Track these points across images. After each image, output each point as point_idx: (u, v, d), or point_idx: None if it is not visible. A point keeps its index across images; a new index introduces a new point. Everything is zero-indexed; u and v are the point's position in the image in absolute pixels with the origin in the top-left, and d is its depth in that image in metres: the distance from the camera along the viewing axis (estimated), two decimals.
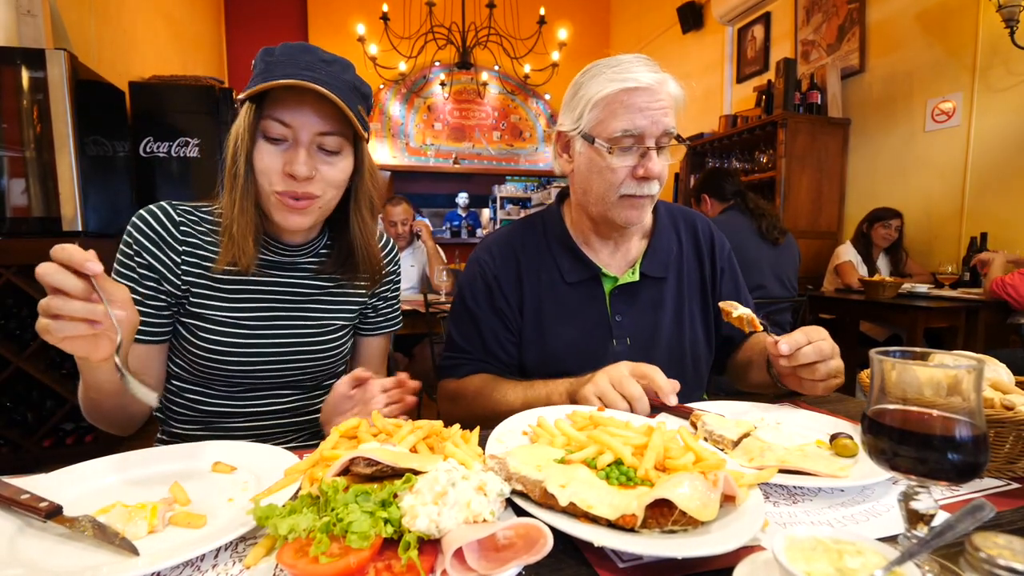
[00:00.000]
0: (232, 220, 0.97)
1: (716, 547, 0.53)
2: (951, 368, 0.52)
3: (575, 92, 1.11)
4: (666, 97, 1.07)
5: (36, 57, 2.48)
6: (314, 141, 0.95)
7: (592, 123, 1.08)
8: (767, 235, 2.85)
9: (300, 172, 0.93)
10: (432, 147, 7.51)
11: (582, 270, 1.19)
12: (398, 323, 1.29)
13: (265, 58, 0.96)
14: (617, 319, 1.19)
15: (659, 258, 1.22)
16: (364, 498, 0.54)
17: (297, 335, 1.08)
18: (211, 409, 1.07)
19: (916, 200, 3.80)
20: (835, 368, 0.99)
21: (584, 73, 1.11)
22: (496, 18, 4.81)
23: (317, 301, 1.11)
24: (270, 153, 0.95)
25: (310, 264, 1.11)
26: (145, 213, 1.01)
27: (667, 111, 1.06)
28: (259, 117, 0.94)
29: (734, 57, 5.52)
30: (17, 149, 2.49)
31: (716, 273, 1.28)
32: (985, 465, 0.52)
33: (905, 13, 3.87)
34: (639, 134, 1.04)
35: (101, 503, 0.65)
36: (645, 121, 1.04)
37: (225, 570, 0.54)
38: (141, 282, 0.99)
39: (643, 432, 0.76)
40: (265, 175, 0.96)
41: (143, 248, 0.99)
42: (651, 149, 1.05)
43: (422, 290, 3.69)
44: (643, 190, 1.08)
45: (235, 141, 0.96)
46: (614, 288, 1.20)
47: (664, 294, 1.22)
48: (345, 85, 0.95)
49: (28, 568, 0.53)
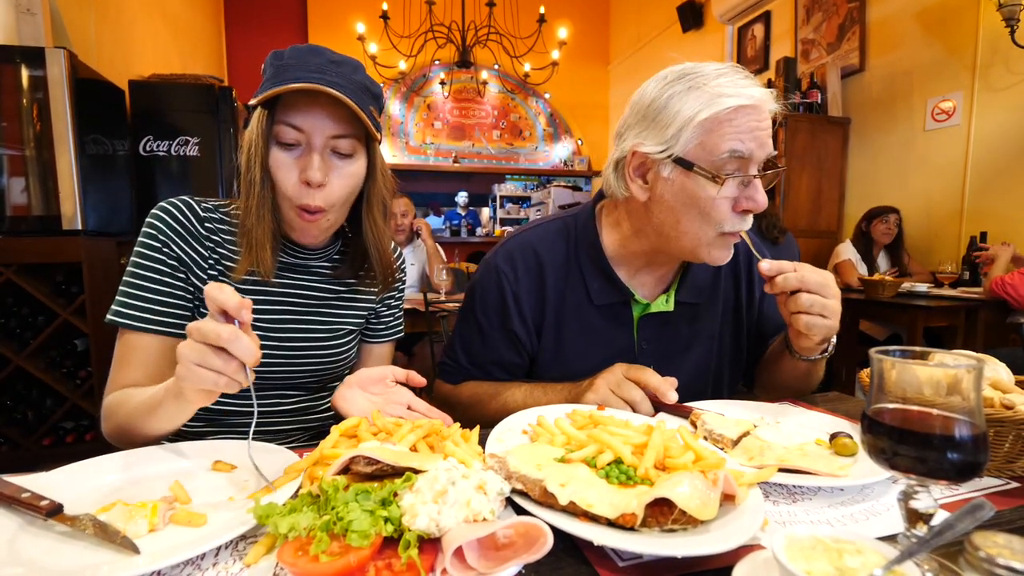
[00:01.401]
0: (251, 228, 0.97)
1: (716, 546, 0.53)
2: (951, 367, 0.52)
3: (662, 107, 0.94)
4: (768, 115, 0.93)
5: (36, 55, 2.48)
6: (327, 145, 0.95)
7: (690, 145, 0.92)
8: (767, 234, 2.85)
9: (314, 178, 0.93)
10: (432, 146, 7.50)
11: (613, 293, 1.09)
12: (399, 331, 1.30)
13: (274, 62, 0.95)
14: (644, 346, 1.11)
15: (695, 283, 1.12)
16: (364, 497, 0.54)
17: (308, 338, 1.09)
18: (217, 408, 1.06)
19: (916, 199, 3.81)
20: (821, 305, 0.91)
21: (668, 84, 0.95)
22: (496, 17, 4.80)
23: (329, 305, 1.12)
24: (286, 164, 0.95)
25: (323, 268, 1.11)
26: (169, 206, 1.00)
27: (770, 132, 0.93)
28: (272, 122, 0.93)
29: (734, 56, 5.52)
30: (17, 147, 2.48)
31: (753, 293, 1.19)
32: (985, 464, 0.52)
33: (905, 12, 3.87)
34: (747, 157, 0.90)
35: (102, 502, 0.65)
36: (753, 144, 0.89)
37: (226, 568, 0.54)
38: (172, 274, 0.98)
39: (643, 431, 0.76)
40: (283, 187, 0.96)
41: (171, 240, 0.98)
42: (756, 177, 0.92)
43: (422, 289, 3.69)
44: (742, 225, 0.94)
45: (249, 148, 0.95)
46: (643, 314, 1.11)
47: (697, 321, 1.14)
48: (357, 86, 0.94)
49: (29, 567, 0.53)
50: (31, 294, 2.43)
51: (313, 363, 1.10)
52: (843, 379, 3.58)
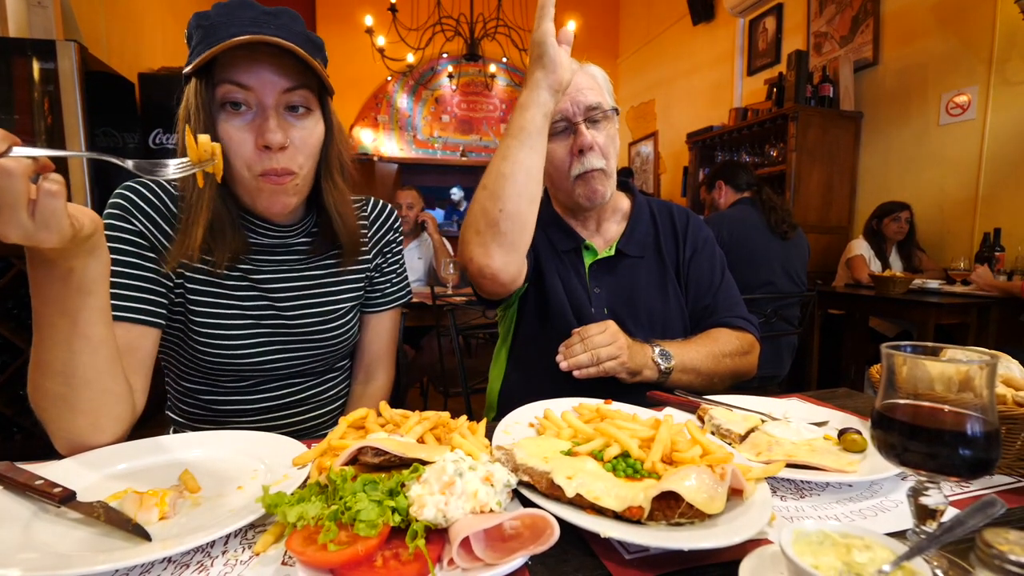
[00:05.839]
0: (189, 207, 0.88)
1: (723, 540, 0.53)
2: (963, 364, 0.52)
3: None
4: (584, 79, 1.18)
5: (47, 48, 2.50)
6: (280, 102, 0.86)
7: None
8: (776, 229, 2.82)
9: (274, 140, 0.84)
10: (440, 140, 7.49)
11: (568, 240, 1.27)
12: (402, 297, 1.22)
13: (200, 23, 0.85)
14: (596, 291, 1.25)
15: (636, 239, 1.29)
16: (372, 487, 0.54)
17: (304, 325, 1.04)
18: (223, 408, 1.04)
19: (929, 195, 3.76)
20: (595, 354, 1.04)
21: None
22: (504, 9, 4.78)
23: (320, 286, 1.07)
24: (236, 129, 0.85)
25: (303, 245, 1.05)
26: (136, 184, 0.92)
27: (585, 92, 1.16)
28: (212, 89, 0.84)
29: (745, 49, 5.45)
30: (28, 140, 2.50)
31: (688, 253, 1.32)
32: (997, 462, 0.51)
33: (920, 4, 3.80)
34: (563, 116, 1.16)
35: (113, 489, 0.66)
36: (565, 104, 1.15)
37: (235, 556, 0.55)
38: (126, 249, 0.88)
39: (650, 425, 0.76)
40: (240, 157, 0.86)
41: (131, 214, 0.89)
42: (579, 124, 1.15)
43: (429, 283, 3.70)
44: (586, 164, 1.17)
45: (187, 121, 0.84)
46: (593, 262, 1.27)
47: (641, 271, 1.28)
48: (300, 38, 0.86)
49: (43, 552, 0.54)
50: None
51: (313, 348, 1.06)
52: (852, 375, 3.56)
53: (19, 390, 2.55)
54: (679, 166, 6.10)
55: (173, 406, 1.09)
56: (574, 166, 1.18)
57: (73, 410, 0.74)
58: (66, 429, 0.76)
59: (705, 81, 5.99)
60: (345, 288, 1.11)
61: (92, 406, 0.75)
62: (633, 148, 7.20)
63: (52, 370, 0.72)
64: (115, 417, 0.78)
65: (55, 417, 0.75)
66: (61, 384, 0.72)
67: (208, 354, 0.98)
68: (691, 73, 6.21)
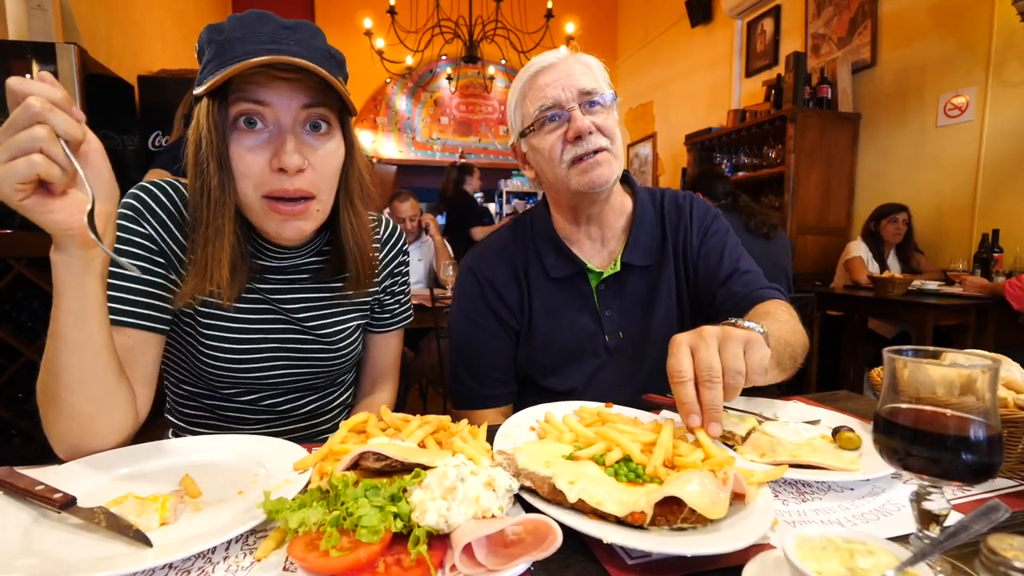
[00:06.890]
0: (206, 242, 0.82)
1: (726, 545, 0.53)
2: (965, 367, 0.52)
3: (510, 111, 1.19)
4: (575, 65, 1.10)
5: (46, 51, 2.49)
6: (298, 121, 0.82)
7: (522, 121, 1.14)
8: (757, 231, 2.89)
9: (291, 163, 0.79)
10: (438, 141, 7.50)
11: (566, 265, 1.18)
12: (406, 319, 1.22)
13: (213, 38, 0.80)
14: (607, 314, 1.18)
15: (641, 246, 1.18)
16: (374, 492, 0.54)
17: (309, 343, 1.03)
18: (224, 413, 1.04)
19: (927, 196, 3.76)
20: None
21: (512, 92, 1.19)
22: (503, 12, 4.79)
23: (327, 307, 1.05)
24: (250, 149, 0.80)
25: (313, 265, 1.02)
26: (150, 186, 0.88)
27: (577, 76, 1.08)
28: (225, 108, 0.79)
29: (743, 51, 5.47)
30: None
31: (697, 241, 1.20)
32: (999, 466, 0.51)
33: (918, 6, 3.81)
34: (555, 103, 1.08)
35: (113, 494, 0.65)
36: (556, 91, 1.07)
37: (236, 562, 0.55)
38: (135, 252, 0.85)
39: (651, 429, 0.76)
40: (248, 177, 0.81)
41: (143, 217, 0.86)
42: (572, 110, 1.07)
43: (429, 284, 3.69)
44: (583, 147, 1.07)
45: (198, 145, 0.79)
46: (600, 283, 1.18)
47: (655, 284, 1.19)
48: (321, 54, 0.82)
49: (43, 558, 0.53)
50: (42, 288, 2.46)
51: (318, 366, 1.05)
52: (851, 377, 3.56)
53: (18, 393, 2.54)
54: (677, 168, 6.11)
55: (173, 409, 1.09)
56: (568, 151, 1.07)
57: (61, 411, 0.73)
58: (60, 431, 0.75)
59: (703, 83, 6.00)
60: (353, 308, 1.09)
61: (82, 410, 0.73)
62: (632, 150, 7.21)
63: (46, 366, 0.72)
64: (110, 426, 0.77)
65: (46, 415, 0.75)
66: (52, 382, 0.72)
67: (214, 367, 0.97)
68: (689, 75, 6.23)
